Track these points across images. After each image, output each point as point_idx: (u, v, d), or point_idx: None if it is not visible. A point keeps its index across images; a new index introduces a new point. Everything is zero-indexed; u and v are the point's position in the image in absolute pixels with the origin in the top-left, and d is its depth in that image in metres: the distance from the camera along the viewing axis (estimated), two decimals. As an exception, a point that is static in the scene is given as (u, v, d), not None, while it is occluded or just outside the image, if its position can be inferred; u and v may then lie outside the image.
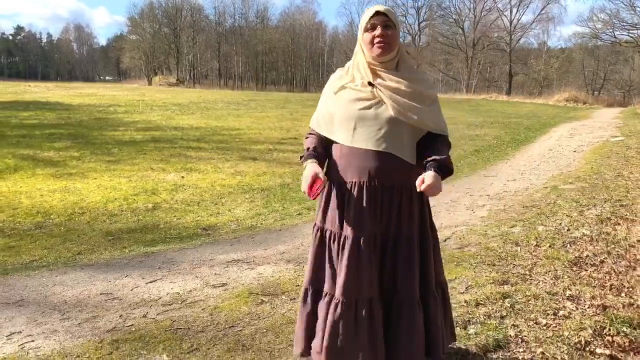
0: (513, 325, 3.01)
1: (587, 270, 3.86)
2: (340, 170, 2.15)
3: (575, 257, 4.12)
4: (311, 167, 2.12)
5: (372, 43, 2.06)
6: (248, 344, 2.82)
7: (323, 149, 2.22)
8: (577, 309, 3.21)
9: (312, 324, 2.23)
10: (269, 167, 9.79)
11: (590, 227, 5.00)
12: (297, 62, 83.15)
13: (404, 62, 2.16)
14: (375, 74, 2.10)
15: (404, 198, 2.10)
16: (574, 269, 3.90)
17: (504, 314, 3.15)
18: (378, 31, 2.05)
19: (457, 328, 2.95)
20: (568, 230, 4.95)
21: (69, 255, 4.87)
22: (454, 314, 3.12)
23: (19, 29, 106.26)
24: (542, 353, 2.73)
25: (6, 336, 2.96)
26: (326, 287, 2.17)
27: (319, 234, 2.22)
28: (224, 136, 13.94)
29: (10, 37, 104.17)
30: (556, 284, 3.60)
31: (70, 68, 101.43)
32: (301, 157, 2.22)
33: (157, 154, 10.79)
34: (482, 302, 3.30)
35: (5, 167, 9.18)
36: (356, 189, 2.09)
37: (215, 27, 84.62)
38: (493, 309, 3.21)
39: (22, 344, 2.84)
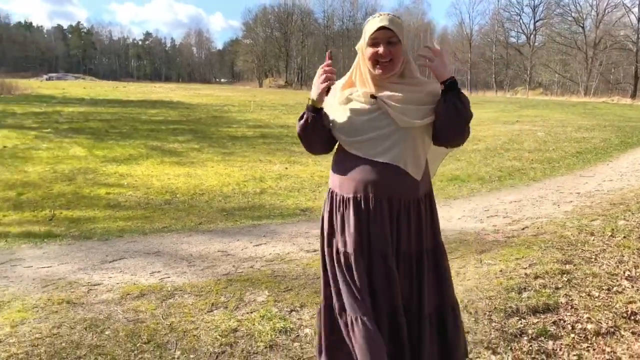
0: (566, 294, 3.37)
1: (655, 259, 4.04)
2: (342, 184, 2.04)
3: (648, 247, 4.29)
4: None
5: (374, 60, 1.93)
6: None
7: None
8: (632, 287, 3.48)
9: (331, 337, 2.14)
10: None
11: (675, 223, 5.05)
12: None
13: (409, 70, 2.04)
14: (378, 86, 1.98)
15: (412, 212, 2.00)
16: (643, 256, 4.09)
17: (560, 285, 3.51)
18: (381, 49, 1.91)
19: (512, 292, 3.38)
20: (650, 225, 5.04)
21: (192, 224, 5.84)
22: (512, 282, 3.56)
23: (147, 35, 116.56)
24: (588, 318, 3.08)
25: (149, 273, 3.88)
26: (344, 305, 2.04)
27: (327, 253, 2.11)
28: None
29: (140, 43, 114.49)
30: (618, 267, 3.85)
31: (190, 70, 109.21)
32: (302, 116, 2.06)
33: (265, 148, 11.88)
34: (540, 276, 3.67)
35: (139, 155, 10.70)
36: (354, 204, 1.98)
37: (323, 30, 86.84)
38: (550, 281, 3.58)
39: (161, 279, 3.74)
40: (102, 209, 6.59)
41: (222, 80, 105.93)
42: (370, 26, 1.91)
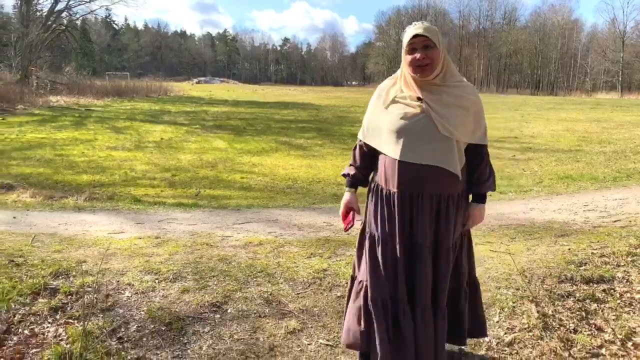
0: (625, 271, 3.70)
1: None
2: (387, 181, 2.20)
3: None
4: (348, 198, 2.41)
5: (413, 65, 2.09)
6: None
7: (364, 173, 2.38)
8: (697, 270, 3.69)
9: (359, 319, 2.30)
10: (478, 159, 10.71)
11: None
12: (544, 63, 78.28)
13: (451, 73, 2.18)
14: (422, 89, 2.13)
15: (450, 207, 2.17)
16: None
17: (622, 264, 3.83)
18: (418, 54, 2.07)
19: (572, 265, 3.78)
20: None
21: (306, 204, 6.81)
22: (575, 258, 3.94)
23: (285, 40, 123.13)
24: (640, 290, 3.42)
25: (268, 232, 4.88)
26: (383, 292, 2.23)
27: (368, 239, 2.30)
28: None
29: (278, 48, 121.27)
30: (692, 254, 4.02)
31: (323, 74, 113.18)
32: (345, 175, 2.44)
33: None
34: (606, 255, 4.00)
35: (270, 148, 12.08)
36: (405, 198, 2.15)
37: (458, 30, 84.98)
38: (614, 260, 3.90)
39: (276, 236, 4.73)
40: (237, 190, 7.85)
41: (353, 82, 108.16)
42: (408, 34, 2.10)
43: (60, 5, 33.54)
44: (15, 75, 30.29)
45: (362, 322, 2.27)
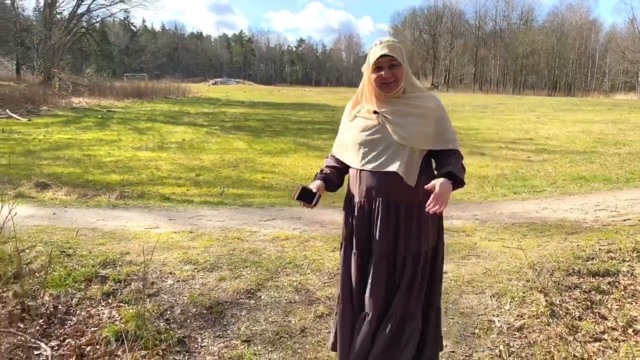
0: (629, 265, 3.94)
1: None
2: (353, 191, 2.31)
3: None
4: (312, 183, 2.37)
5: (378, 82, 2.17)
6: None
7: (334, 173, 2.40)
8: (698, 265, 3.92)
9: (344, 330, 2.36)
10: (493, 161, 10.94)
11: None
12: (562, 64, 77.63)
13: (411, 85, 2.25)
14: (381, 102, 2.22)
15: (412, 216, 2.20)
16: None
17: (627, 259, 4.07)
18: (384, 73, 2.15)
19: (579, 260, 4.04)
20: None
21: (326, 202, 7.10)
22: (583, 253, 4.18)
23: (301, 41, 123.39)
24: (643, 283, 3.67)
25: (292, 228, 5.20)
26: (343, 296, 2.35)
27: (342, 250, 2.40)
28: (460, 134, 15.32)
29: (294, 49, 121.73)
30: (695, 251, 4.24)
31: (339, 75, 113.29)
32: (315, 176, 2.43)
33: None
34: (613, 251, 4.24)
35: (289, 149, 12.43)
36: (366, 207, 2.23)
37: (474, 31, 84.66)
38: (620, 255, 4.14)
39: (300, 231, 5.04)
40: (259, 189, 8.19)
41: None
42: (373, 54, 2.16)
43: (82, 9, 34.34)
44: (38, 77, 31.11)
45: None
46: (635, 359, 2.75)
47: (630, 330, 3.12)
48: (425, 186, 2.06)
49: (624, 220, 5.59)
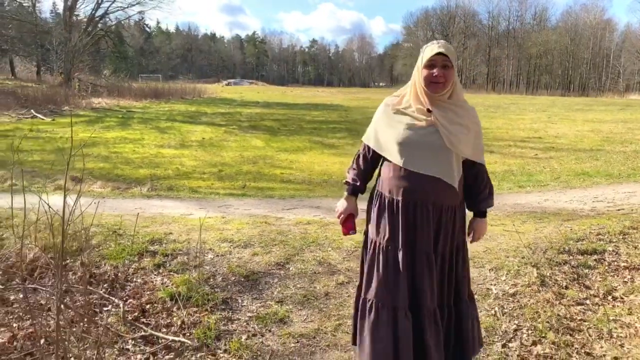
0: (615, 245, 4.43)
1: None
2: (391, 189, 2.27)
3: None
4: (351, 206, 2.49)
5: (429, 80, 2.17)
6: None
7: (364, 179, 2.49)
8: (677, 245, 4.39)
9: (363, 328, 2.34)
10: (501, 158, 11.39)
11: None
12: (576, 64, 77.32)
13: (456, 93, 2.25)
14: (432, 102, 2.21)
15: (450, 217, 2.27)
16: None
17: (614, 240, 4.55)
18: (436, 71, 2.16)
19: (571, 241, 4.52)
20: None
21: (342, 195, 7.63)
22: (575, 235, 4.67)
23: (313, 42, 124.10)
24: (626, 260, 4.15)
25: (313, 215, 5.74)
26: (379, 295, 2.28)
27: (371, 245, 2.37)
28: (470, 133, 15.77)
29: (306, 50, 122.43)
30: (677, 234, 4.71)
31: (351, 75, 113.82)
32: (345, 183, 2.53)
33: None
34: (602, 234, 4.72)
35: (304, 147, 12.99)
36: (405, 206, 2.23)
37: (487, 31, 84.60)
38: (608, 237, 4.62)
39: (320, 218, 5.58)
40: (278, 183, 8.75)
41: (381, 84, 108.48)
42: (429, 51, 2.18)
43: (100, 12, 35.22)
44: (57, 78, 32.00)
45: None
46: (610, 318, 3.24)
47: (609, 297, 3.61)
48: (469, 240, 2.46)
49: (618, 210, 6.05)
